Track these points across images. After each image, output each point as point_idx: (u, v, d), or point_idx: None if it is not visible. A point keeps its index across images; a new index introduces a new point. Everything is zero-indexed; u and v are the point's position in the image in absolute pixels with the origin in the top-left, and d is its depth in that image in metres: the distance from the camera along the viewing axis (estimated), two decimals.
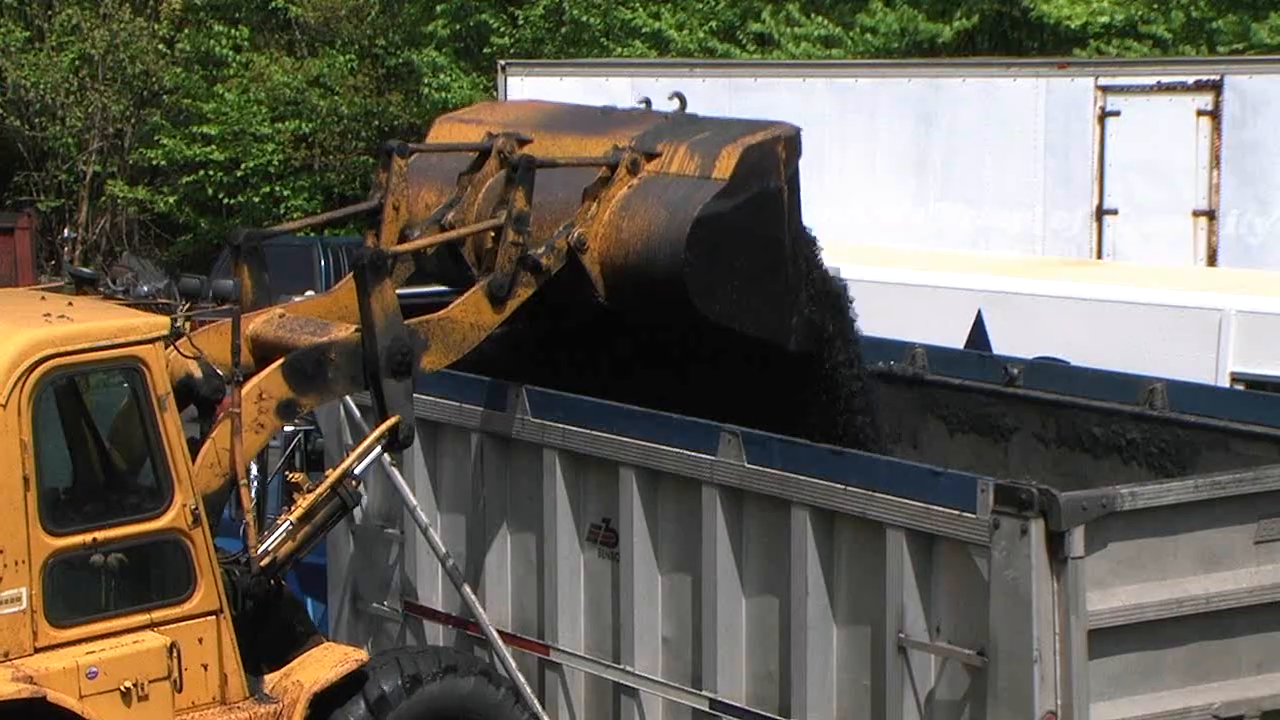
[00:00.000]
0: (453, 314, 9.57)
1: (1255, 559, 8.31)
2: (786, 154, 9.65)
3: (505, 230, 9.59)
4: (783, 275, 9.67)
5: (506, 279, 9.61)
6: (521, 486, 10.14)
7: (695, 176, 9.57)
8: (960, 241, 17.97)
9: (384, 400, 9.32)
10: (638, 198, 9.65)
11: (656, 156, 9.77)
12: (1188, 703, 8.19)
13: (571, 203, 9.73)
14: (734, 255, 9.50)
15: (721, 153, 9.54)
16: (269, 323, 9.55)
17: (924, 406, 10.88)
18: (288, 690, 9.05)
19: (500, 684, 9.66)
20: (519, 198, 9.61)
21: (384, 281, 9.30)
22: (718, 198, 9.43)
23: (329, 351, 9.24)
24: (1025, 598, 7.82)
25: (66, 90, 31.47)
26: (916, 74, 18.74)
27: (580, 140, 10.11)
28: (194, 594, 8.83)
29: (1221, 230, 17.27)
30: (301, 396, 9.19)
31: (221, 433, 8.98)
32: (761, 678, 9.07)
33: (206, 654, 8.85)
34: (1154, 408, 9.96)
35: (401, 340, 9.30)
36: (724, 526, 9.10)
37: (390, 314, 9.29)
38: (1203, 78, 17.34)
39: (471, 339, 9.63)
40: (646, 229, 9.54)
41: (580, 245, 9.68)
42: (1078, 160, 17.73)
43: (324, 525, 9.32)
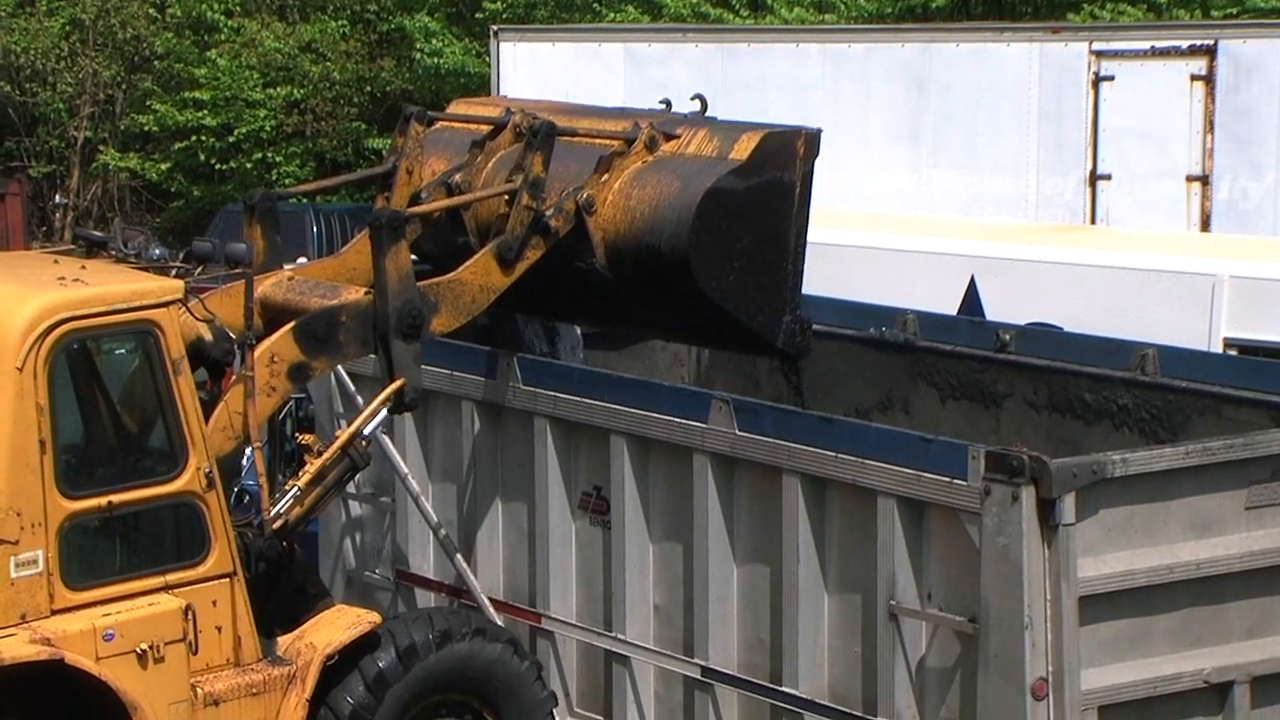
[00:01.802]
0: (462, 276, 9.57)
1: (1246, 525, 8.31)
2: (805, 150, 9.65)
3: (520, 194, 9.61)
4: (782, 271, 9.66)
5: (517, 241, 9.60)
6: (513, 455, 10.14)
7: (713, 157, 9.57)
8: (953, 207, 17.95)
9: (392, 362, 9.32)
10: (651, 170, 9.66)
11: (675, 138, 9.79)
12: (1179, 668, 8.20)
13: (584, 173, 9.73)
14: (739, 236, 9.50)
15: (742, 136, 9.56)
16: (278, 285, 9.54)
17: (915, 373, 10.87)
18: (301, 652, 9.08)
19: (526, 656, 9.66)
20: (536, 162, 9.63)
21: (399, 242, 9.31)
22: (732, 174, 9.44)
23: (340, 314, 9.24)
24: (1016, 564, 7.82)
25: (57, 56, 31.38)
26: (909, 39, 18.69)
27: (598, 122, 10.15)
28: (208, 557, 8.84)
29: (1215, 195, 17.26)
30: (313, 359, 9.20)
31: (234, 396, 8.99)
32: (753, 645, 9.07)
33: (220, 616, 8.88)
34: (1146, 373, 9.94)
35: (413, 303, 9.31)
36: (715, 494, 9.09)
37: (404, 275, 9.31)
38: (1197, 42, 17.31)
39: (481, 301, 9.63)
40: (656, 197, 9.53)
41: (588, 206, 9.66)
42: (1071, 125, 17.70)
43: (335, 487, 9.32)
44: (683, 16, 24.56)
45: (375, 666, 9.20)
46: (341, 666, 9.14)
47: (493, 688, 9.50)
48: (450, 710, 9.48)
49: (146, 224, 30.85)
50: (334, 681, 9.13)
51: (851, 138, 18.45)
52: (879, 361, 10.98)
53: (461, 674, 9.42)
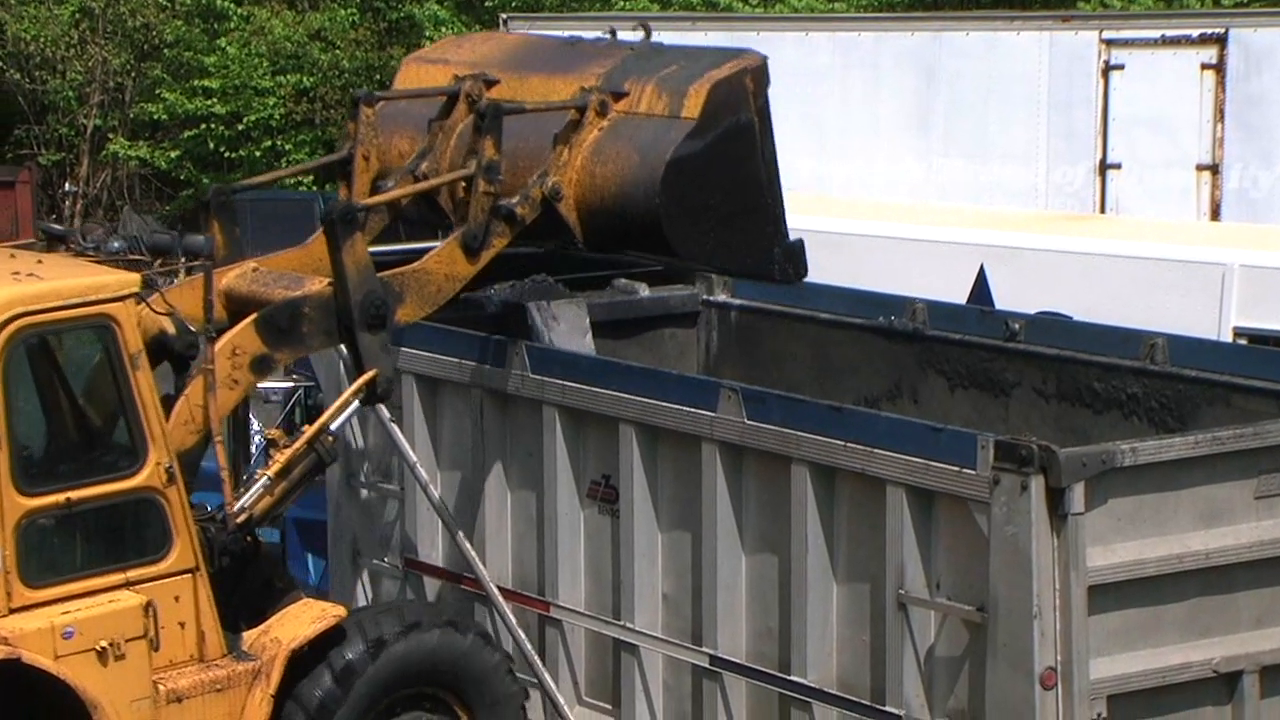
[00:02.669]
0: (427, 265, 9.50)
1: (1255, 514, 8.30)
2: (755, 85, 9.53)
3: (476, 180, 9.51)
4: (761, 208, 9.57)
5: (480, 229, 9.53)
6: (521, 443, 10.13)
7: (665, 116, 9.46)
8: (963, 196, 17.93)
9: (360, 354, 9.27)
10: (609, 140, 9.54)
11: (624, 96, 9.64)
12: (1187, 658, 8.19)
13: (543, 148, 9.63)
14: (710, 194, 9.42)
15: (689, 91, 9.42)
16: (242, 277, 9.47)
17: (924, 362, 10.86)
18: (266, 647, 9.01)
19: (497, 649, 9.63)
20: (488, 146, 9.52)
21: (354, 235, 9.23)
22: (688, 138, 9.33)
23: (303, 306, 9.18)
24: (1025, 554, 7.81)
25: (67, 44, 31.36)
26: (919, 27, 18.66)
27: (547, 80, 9.96)
28: (170, 552, 8.77)
29: (1225, 184, 17.23)
30: (276, 351, 9.14)
31: (195, 389, 8.92)
32: (761, 634, 9.07)
33: (184, 612, 8.81)
34: (1155, 363, 9.93)
35: (375, 293, 9.25)
36: (724, 483, 9.08)
37: (362, 267, 9.23)
38: (1207, 31, 17.27)
39: (447, 290, 9.57)
40: (620, 174, 9.46)
41: (556, 194, 9.59)
42: (1081, 114, 17.67)
43: (300, 481, 9.25)
44: (692, 4, 24.54)
45: (343, 658, 9.11)
46: (310, 659, 9.06)
47: (463, 681, 9.44)
48: (421, 703, 9.42)
49: (156, 212, 30.87)
50: (301, 675, 9.05)
51: (861, 126, 18.44)
52: (888, 350, 10.97)
53: (431, 666, 9.36)
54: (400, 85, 10.76)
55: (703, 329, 11.87)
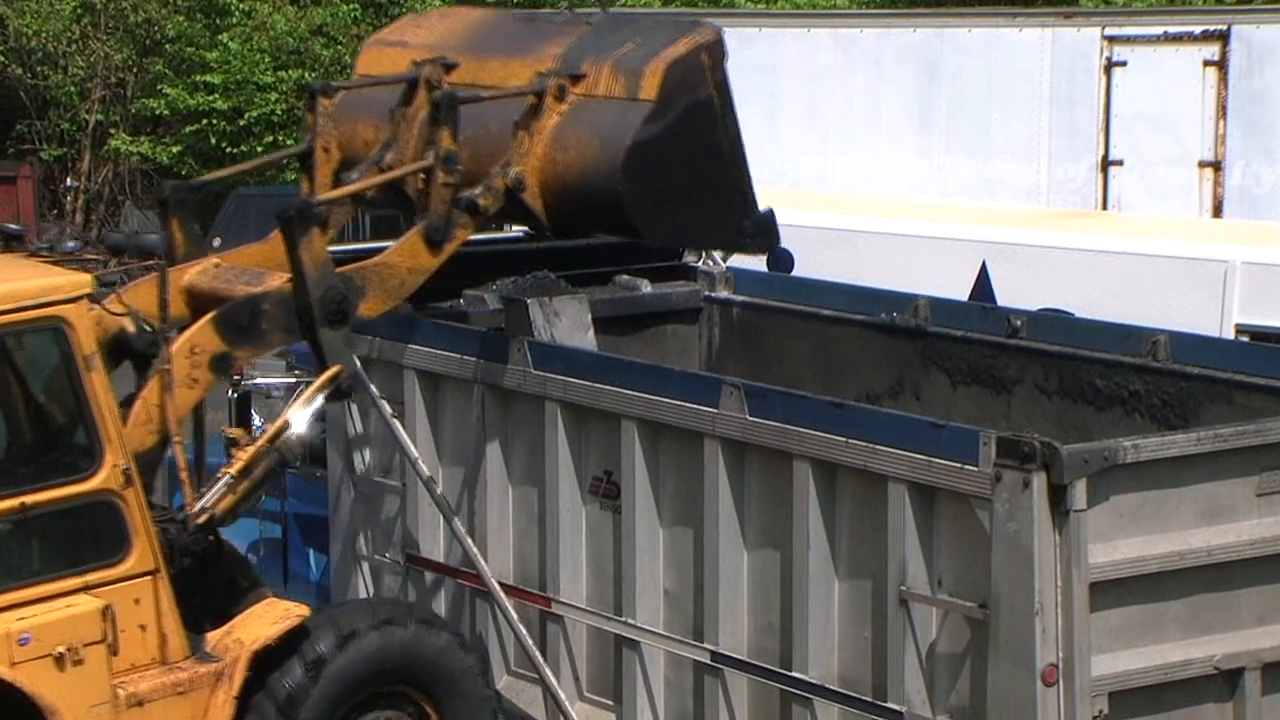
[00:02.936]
0: (389, 259, 9.41)
1: (1257, 511, 8.30)
2: (711, 60, 9.43)
3: (435, 172, 9.41)
4: (727, 182, 9.50)
5: (442, 221, 9.45)
6: (523, 439, 10.13)
7: (623, 98, 9.38)
8: (965, 193, 17.93)
9: (322, 350, 9.17)
10: (569, 126, 9.46)
11: (583, 78, 9.55)
12: (1189, 655, 8.18)
13: (506, 133, 9.53)
14: (673, 175, 9.34)
15: (646, 71, 9.34)
16: (204, 273, 9.38)
17: (926, 358, 10.86)
18: (229, 649, 8.92)
19: (471, 651, 9.55)
20: (445, 137, 9.42)
21: (311, 231, 9.12)
22: (648, 121, 9.25)
23: (262, 303, 9.07)
24: (1027, 550, 7.81)
25: (68, 39, 31.38)
26: (921, 24, 18.67)
27: (506, 62, 9.86)
28: (129, 555, 8.67)
29: (1227, 181, 17.24)
30: (236, 349, 9.03)
31: (152, 390, 8.81)
32: (763, 630, 9.07)
33: (144, 615, 8.71)
34: (1157, 360, 9.92)
35: (335, 289, 9.15)
36: (725, 479, 9.08)
37: (320, 263, 9.12)
38: (1209, 27, 17.28)
39: (410, 283, 9.49)
40: (582, 161, 9.38)
41: (519, 184, 9.51)
42: (1083, 111, 17.68)
43: (262, 480, 9.13)
44: (694, 1, 24.53)
45: (314, 651, 9.04)
46: (278, 655, 8.97)
47: (435, 681, 9.36)
48: (391, 702, 9.35)
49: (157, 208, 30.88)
50: (266, 674, 8.97)
51: (863, 123, 18.44)
52: (890, 347, 10.97)
53: (403, 663, 9.28)
54: (361, 70, 10.62)
55: (704, 325, 11.87)
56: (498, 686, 10.30)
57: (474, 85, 9.73)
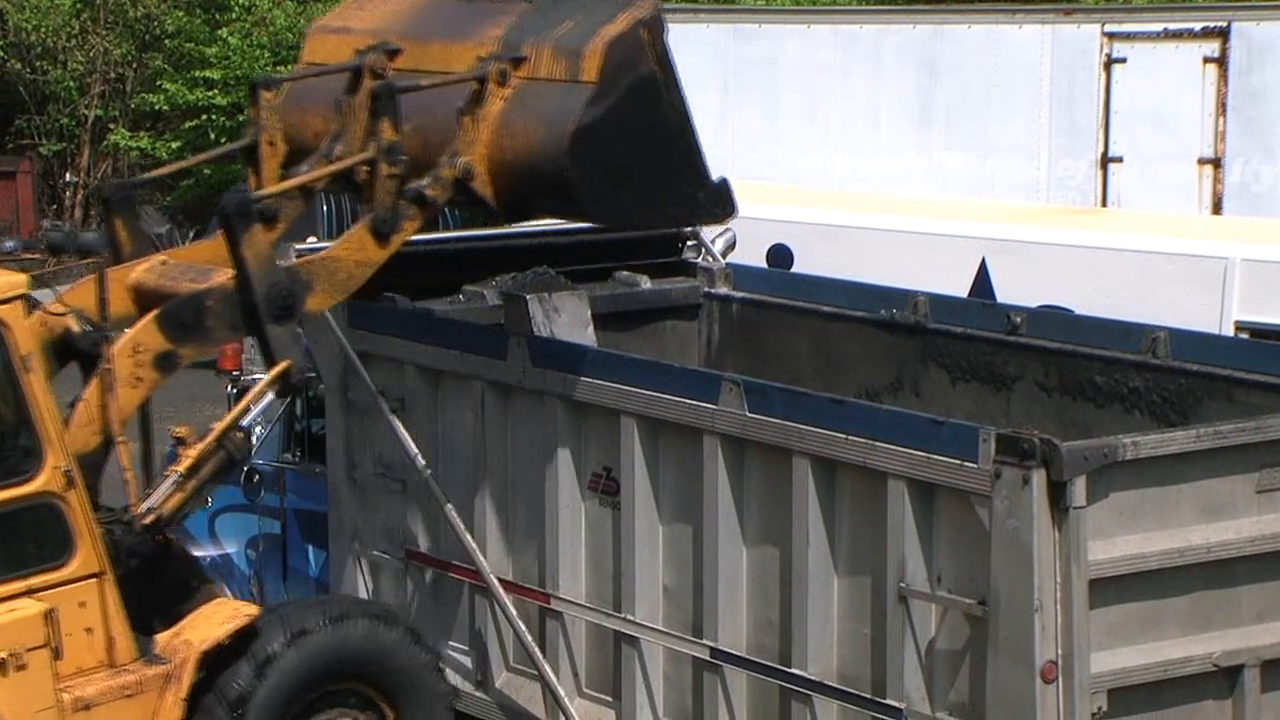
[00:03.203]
0: (336, 252, 9.31)
1: (1257, 508, 8.29)
2: (651, 34, 9.28)
3: (378, 164, 9.29)
4: (676, 155, 9.37)
5: (389, 213, 9.33)
6: (523, 435, 10.13)
7: (565, 81, 9.26)
8: (964, 189, 17.94)
9: (269, 346, 9.06)
10: (514, 112, 9.34)
11: (524, 61, 9.41)
12: (1188, 652, 8.18)
13: (452, 121, 9.40)
14: (621, 155, 9.22)
15: (586, 52, 9.21)
16: (151, 271, 9.25)
17: (926, 355, 10.86)
18: (178, 650, 8.82)
19: (426, 646, 9.48)
20: (386, 128, 9.29)
21: (252, 227, 9.03)
22: (591, 104, 9.12)
23: (206, 299, 8.96)
24: (1026, 547, 7.81)
25: (68, 33, 31.37)
26: (921, 20, 18.68)
27: (447, 46, 9.73)
28: (72, 557, 8.56)
29: (1227, 178, 17.25)
30: (180, 347, 8.91)
31: (93, 390, 8.70)
32: (762, 627, 9.07)
33: (90, 618, 8.60)
34: (1157, 356, 9.92)
35: (280, 284, 9.04)
36: (725, 476, 9.08)
37: (264, 259, 9.02)
38: (1210, 24, 17.28)
39: (358, 277, 9.38)
40: (528, 147, 9.26)
41: (468, 174, 9.35)
42: (1083, 107, 17.69)
43: (210, 479, 9.01)
44: None
45: (264, 650, 8.97)
46: (228, 656, 8.89)
47: (390, 677, 9.29)
48: (347, 700, 9.31)
49: (157, 203, 30.88)
50: (216, 674, 8.88)
51: (863, 119, 18.45)
52: (890, 343, 10.96)
53: (356, 661, 9.21)
54: (306, 58, 10.49)
55: (704, 321, 11.87)
56: (497, 683, 10.31)
57: (418, 71, 9.59)
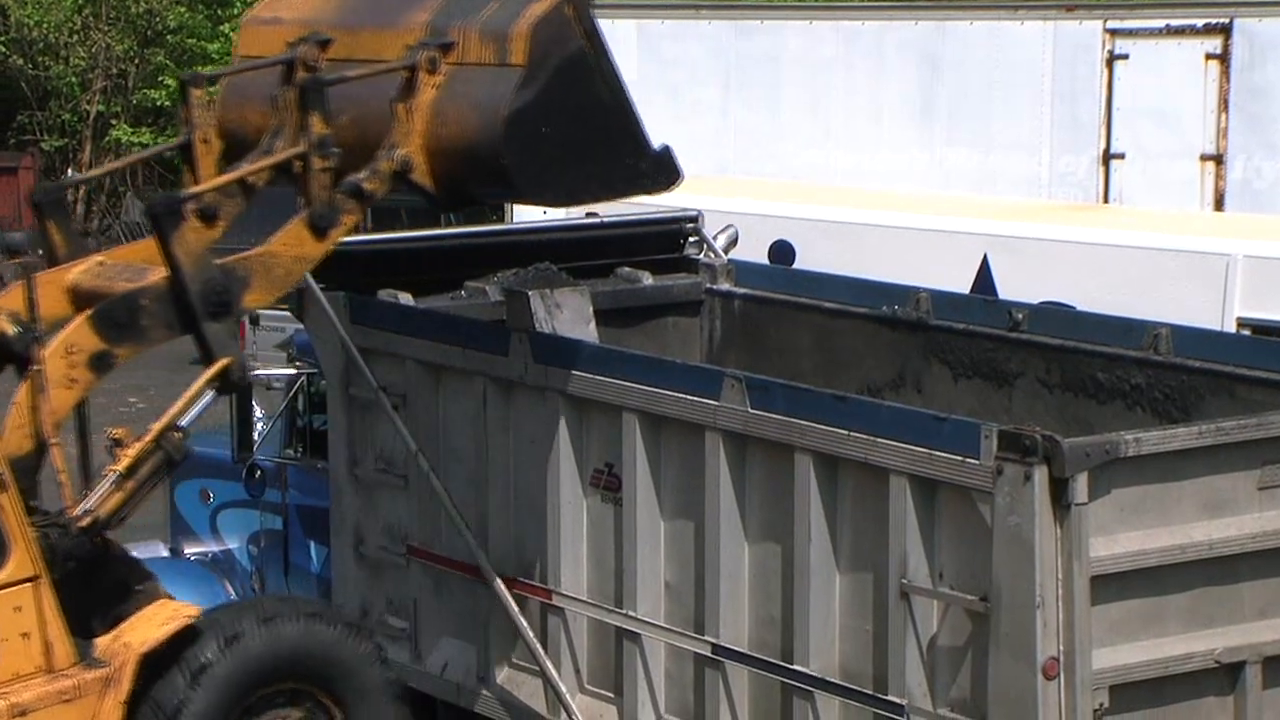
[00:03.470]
0: (273, 248, 9.20)
1: (1259, 505, 8.30)
2: (576, 9, 9.16)
3: (310, 158, 9.18)
4: (613, 128, 9.27)
5: (325, 208, 9.21)
6: (524, 431, 10.13)
7: (494, 64, 9.14)
8: (966, 186, 17.94)
9: (207, 344, 8.96)
10: (446, 100, 9.23)
11: (452, 46, 9.27)
12: (1190, 648, 8.19)
13: (386, 111, 9.29)
14: (557, 135, 9.11)
15: (512, 34, 9.09)
16: (87, 272, 9.16)
17: (928, 351, 10.86)
18: (117, 653, 8.69)
19: (367, 639, 9.44)
20: (315, 121, 9.18)
21: (182, 225, 8.92)
22: (521, 88, 8.99)
23: (140, 298, 8.86)
24: (1028, 544, 7.81)
25: (70, 29, 31.40)
26: (923, 16, 18.68)
27: (377, 34, 9.61)
28: (6, 562, 8.44)
29: (1229, 175, 17.25)
30: (116, 346, 8.80)
31: (24, 392, 8.60)
32: (764, 623, 9.07)
33: (26, 622, 8.48)
34: (1159, 353, 9.93)
35: (215, 281, 8.93)
36: (727, 472, 9.08)
37: (197, 257, 8.91)
38: (1212, 21, 17.28)
39: (296, 272, 9.29)
40: (463, 135, 9.16)
41: (406, 166, 9.22)
42: (1085, 104, 17.69)
43: (148, 481, 8.89)
44: None
45: (198, 657, 8.88)
46: (164, 662, 8.78)
47: (331, 673, 9.20)
48: (289, 699, 9.21)
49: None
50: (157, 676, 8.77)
51: (865, 115, 18.44)
52: (892, 340, 10.97)
53: (294, 660, 9.11)
54: (241, 51, 10.37)
55: (706, 317, 11.87)
56: (498, 679, 10.32)
57: (350, 60, 9.46)
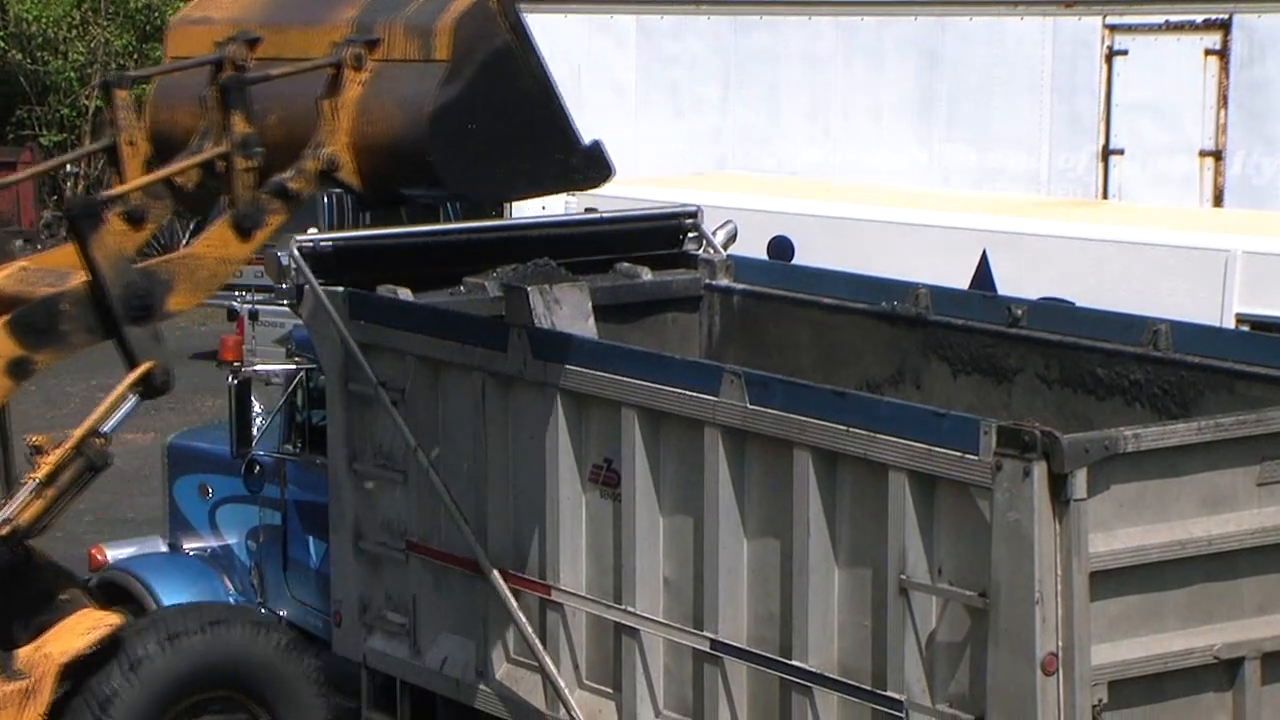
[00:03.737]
0: (196, 250, 9.16)
1: (1258, 501, 8.30)
2: (501, 4, 9.05)
3: (233, 158, 9.12)
4: (541, 123, 9.18)
5: (250, 208, 9.16)
6: (523, 426, 10.13)
7: (419, 60, 9.06)
8: (966, 181, 17.94)
9: (129, 348, 8.91)
10: (372, 97, 9.17)
11: (378, 43, 9.20)
12: (1189, 644, 8.19)
13: (314, 109, 9.22)
14: (484, 131, 9.03)
15: (436, 30, 9.01)
16: (10, 278, 9.14)
17: (927, 347, 10.86)
18: (37, 664, 8.67)
19: (304, 653, 9.37)
20: (238, 121, 9.11)
21: (100, 228, 8.87)
22: (445, 84, 8.90)
23: (59, 303, 8.81)
24: (1027, 540, 7.80)
25: (69, 24, 31.37)
26: (922, 12, 18.66)
27: (304, 32, 9.52)
28: None
29: (1228, 170, 17.25)
30: (35, 353, 8.74)
31: None
32: (763, 619, 9.07)
33: None
34: (1158, 349, 9.93)
35: (135, 285, 8.88)
36: (726, 467, 9.08)
37: (116, 260, 8.86)
38: (1211, 17, 17.28)
39: (221, 274, 9.23)
40: (390, 133, 9.10)
41: (333, 165, 9.16)
42: (1084, 100, 17.68)
43: (70, 489, 8.83)
44: None
45: (136, 652, 8.87)
46: (99, 659, 8.77)
47: (268, 686, 9.22)
48: (220, 708, 9.22)
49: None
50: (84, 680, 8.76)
51: (864, 111, 18.44)
52: (891, 335, 10.96)
53: (232, 667, 9.12)
54: (171, 51, 10.28)
55: (705, 313, 11.87)
56: (497, 675, 10.32)
57: (279, 59, 9.39)
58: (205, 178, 9.37)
